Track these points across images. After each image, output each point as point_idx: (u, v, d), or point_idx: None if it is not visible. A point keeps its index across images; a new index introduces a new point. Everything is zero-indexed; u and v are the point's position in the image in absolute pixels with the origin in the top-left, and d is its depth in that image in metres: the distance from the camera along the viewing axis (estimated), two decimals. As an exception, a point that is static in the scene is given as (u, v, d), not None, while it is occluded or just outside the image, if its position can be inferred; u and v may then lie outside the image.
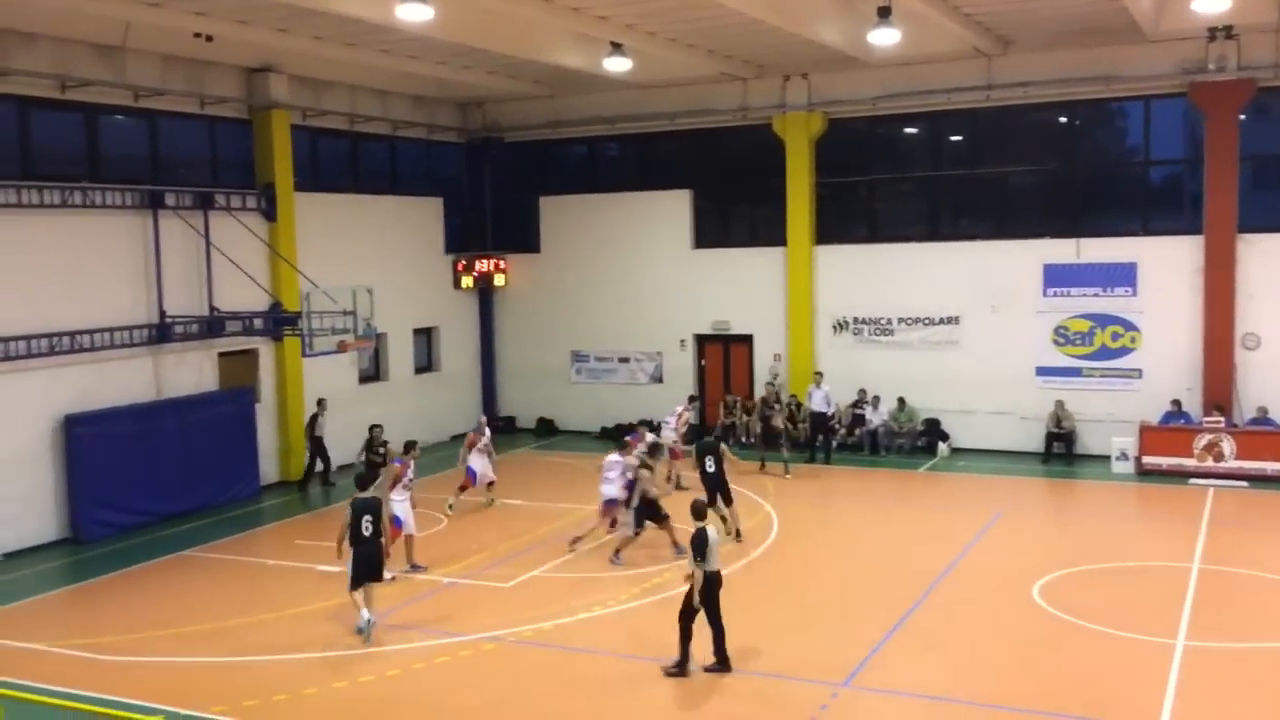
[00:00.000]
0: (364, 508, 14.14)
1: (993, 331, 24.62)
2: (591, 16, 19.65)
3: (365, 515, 14.09)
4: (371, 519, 14.12)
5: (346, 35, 20.90)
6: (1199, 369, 22.98)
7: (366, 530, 14.06)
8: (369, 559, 14.13)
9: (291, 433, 23.60)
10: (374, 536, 14.14)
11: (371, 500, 14.32)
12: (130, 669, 13.44)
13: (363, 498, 14.29)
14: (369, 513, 14.13)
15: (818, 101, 25.75)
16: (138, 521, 20.16)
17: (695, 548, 12.43)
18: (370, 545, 14.11)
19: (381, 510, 14.38)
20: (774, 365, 26.57)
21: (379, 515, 14.25)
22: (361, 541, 14.08)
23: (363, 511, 14.10)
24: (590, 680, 12.83)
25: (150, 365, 21.08)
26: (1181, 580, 15.69)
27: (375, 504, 14.32)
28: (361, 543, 14.08)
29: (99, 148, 20.85)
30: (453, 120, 29.18)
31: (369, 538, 14.09)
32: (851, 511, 20.08)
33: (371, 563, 14.17)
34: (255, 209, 23.10)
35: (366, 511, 14.12)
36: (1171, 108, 23.53)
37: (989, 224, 25.39)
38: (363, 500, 14.24)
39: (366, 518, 14.08)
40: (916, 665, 13.01)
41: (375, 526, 14.15)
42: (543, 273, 29.27)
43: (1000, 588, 15.66)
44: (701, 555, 12.38)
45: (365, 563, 14.12)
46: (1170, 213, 24.37)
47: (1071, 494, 21.95)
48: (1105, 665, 12.82)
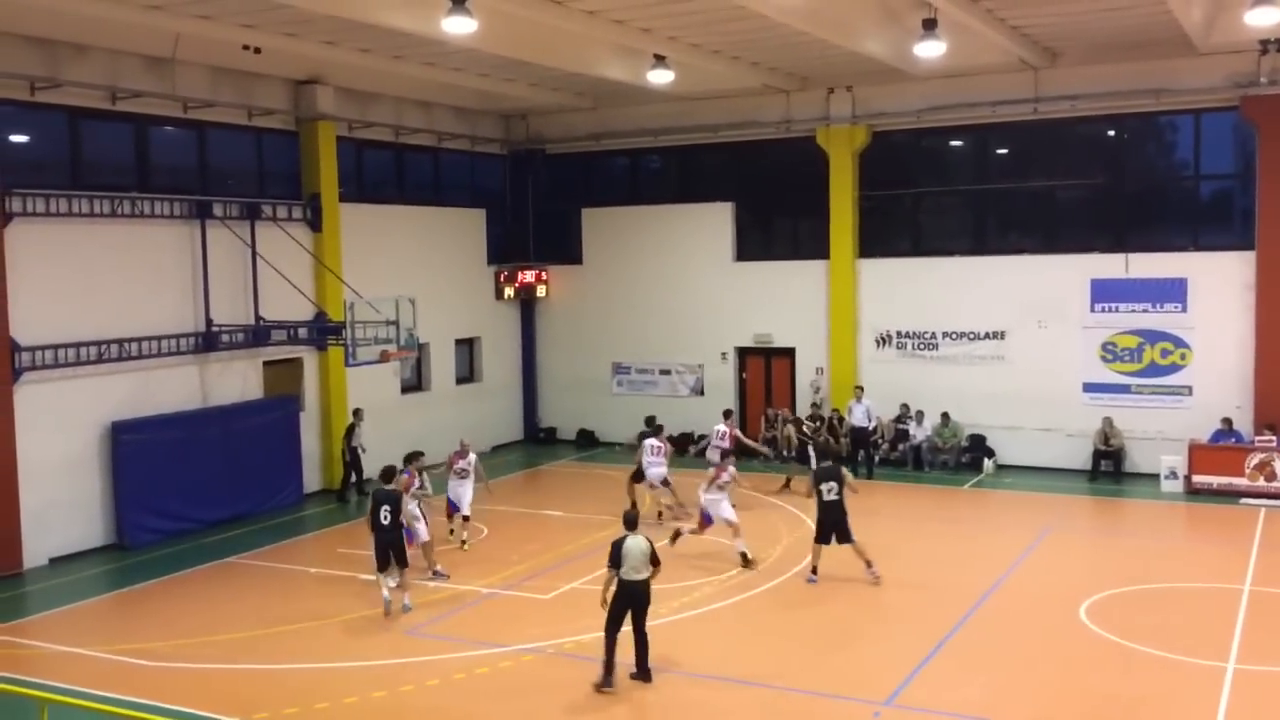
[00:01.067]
0: (384, 498, 15.24)
1: (1039, 347, 24.33)
2: (635, 29, 19.68)
3: (384, 505, 15.15)
4: (390, 509, 15.14)
5: (392, 48, 21.06)
6: (1250, 387, 22.57)
7: (385, 519, 15.10)
8: (389, 545, 15.19)
9: (334, 441, 23.74)
10: (393, 526, 15.16)
11: (391, 492, 15.39)
12: (173, 675, 13.54)
13: (384, 489, 15.42)
14: (388, 503, 15.17)
15: (862, 114, 25.62)
16: (182, 528, 20.35)
17: (610, 555, 12.74)
18: (389, 533, 15.16)
19: (401, 502, 15.36)
20: (815, 379, 26.41)
21: (398, 506, 15.26)
22: (380, 530, 15.16)
23: (382, 501, 15.19)
24: (628, 693, 12.75)
25: (196, 373, 21.30)
26: (1232, 602, 15.39)
27: (395, 495, 15.34)
28: (381, 530, 15.16)
29: (148, 158, 21.14)
30: (496, 132, 29.33)
31: (388, 526, 15.12)
32: (895, 528, 19.87)
33: (394, 549, 15.21)
34: (301, 219, 23.31)
35: (385, 502, 15.18)
36: (1222, 121, 23.18)
37: (1035, 238, 25.13)
38: (384, 491, 15.37)
39: (385, 507, 15.13)
40: (960, 685, 12.83)
41: (394, 516, 15.17)
42: (584, 284, 29.30)
43: (1046, 608, 15.42)
44: (614, 563, 12.69)
45: (385, 549, 15.19)
46: (1221, 228, 24.01)
47: (1119, 513, 21.62)
48: (1154, 688, 12.59)
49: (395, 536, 15.26)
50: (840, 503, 16.43)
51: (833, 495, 16.43)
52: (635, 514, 13.55)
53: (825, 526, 16.44)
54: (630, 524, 13.12)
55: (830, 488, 16.44)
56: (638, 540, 12.88)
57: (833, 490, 16.44)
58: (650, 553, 12.87)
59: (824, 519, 16.46)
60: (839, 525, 16.41)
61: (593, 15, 18.55)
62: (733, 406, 27.40)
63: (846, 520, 16.43)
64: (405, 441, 22.67)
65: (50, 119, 19.36)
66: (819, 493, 16.52)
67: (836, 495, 16.44)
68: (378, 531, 15.22)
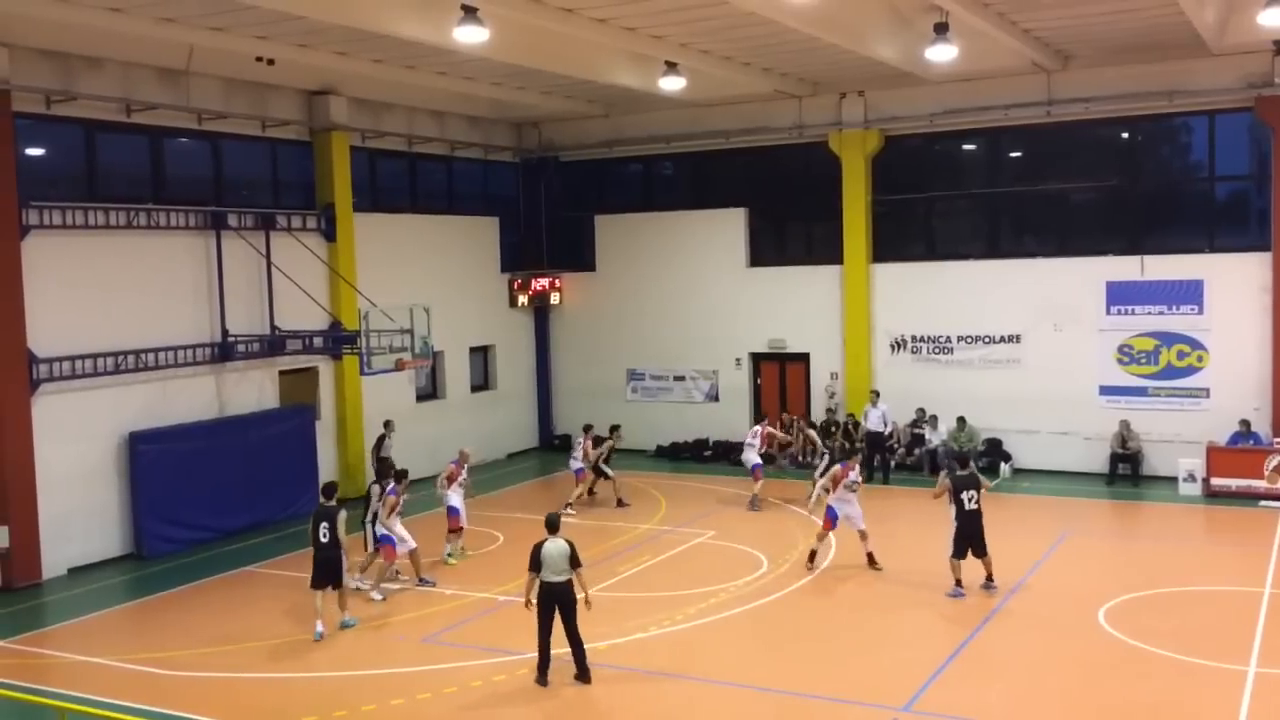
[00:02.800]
0: (323, 515, 15.02)
1: (1055, 350, 24.25)
2: (646, 36, 19.71)
3: (323, 522, 14.93)
4: (328, 526, 14.88)
5: (405, 58, 21.14)
6: (1268, 388, 22.43)
7: (324, 536, 14.85)
8: (324, 563, 14.93)
9: (350, 450, 23.80)
10: (331, 544, 14.88)
11: (331, 509, 15.08)
12: (192, 684, 13.58)
13: (324, 506, 15.21)
14: (326, 520, 14.93)
15: (874, 119, 25.60)
16: (200, 537, 20.43)
17: (531, 559, 13.04)
18: (326, 550, 14.90)
19: (338, 519, 14.96)
20: (830, 384, 26.36)
21: (335, 523, 14.91)
22: (319, 546, 14.92)
23: (321, 518, 14.98)
24: (644, 701, 12.75)
25: (213, 383, 21.39)
26: (1253, 605, 15.28)
27: (333, 512, 15.01)
28: (319, 547, 14.92)
29: (163, 170, 21.24)
30: (508, 140, 29.40)
31: (326, 544, 14.87)
32: (912, 532, 19.81)
33: (328, 567, 14.95)
34: (315, 229, 23.40)
35: (324, 519, 14.95)
36: (1237, 122, 23.06)
37: (1050, 241, 25.05)
38: (323, 508, 15.15)
39: (324, 524, 14.91)
40: (979, 690, 12.77)
41: (332, 534, 14.87)
42: (598, 291, 29.33)
43: (1065, 611, 15.34)
44: (534, 567, 12.99)
45: (322, 566, 14.94)
46: (1237, 229, 23.88)
47: (1138, 516, 21.51)
48: (1174, 692, 12.51)
49: (333, 555, 14.95)
50: (980, 513, 15.82)
51: (974, 504, 15.79)
52: (556, 516, 13.68)
53: (964, 539, 15.82)
54: (551, 526, 13.32)
55: (971, 496, 15.81)
56: (557, 543, 13.06)
57: (974, 499, 15.81)
58: (570, 555, 13.02)
59: (964, 529, 15.80)
60: (977, 537, 15.81)
61: (604, 23, 18.59)
62: (747, 412, 27.48)
63: (983, 532, 15.87)
64: (421, 449, 22.85)
65: (66, 132, 19.48)
66: (959, 502, 15.81)
67: (977, 504, 15.82)
68: (316, 548, 14.96)
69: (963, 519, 15.87)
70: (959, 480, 16.05)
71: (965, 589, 15.97)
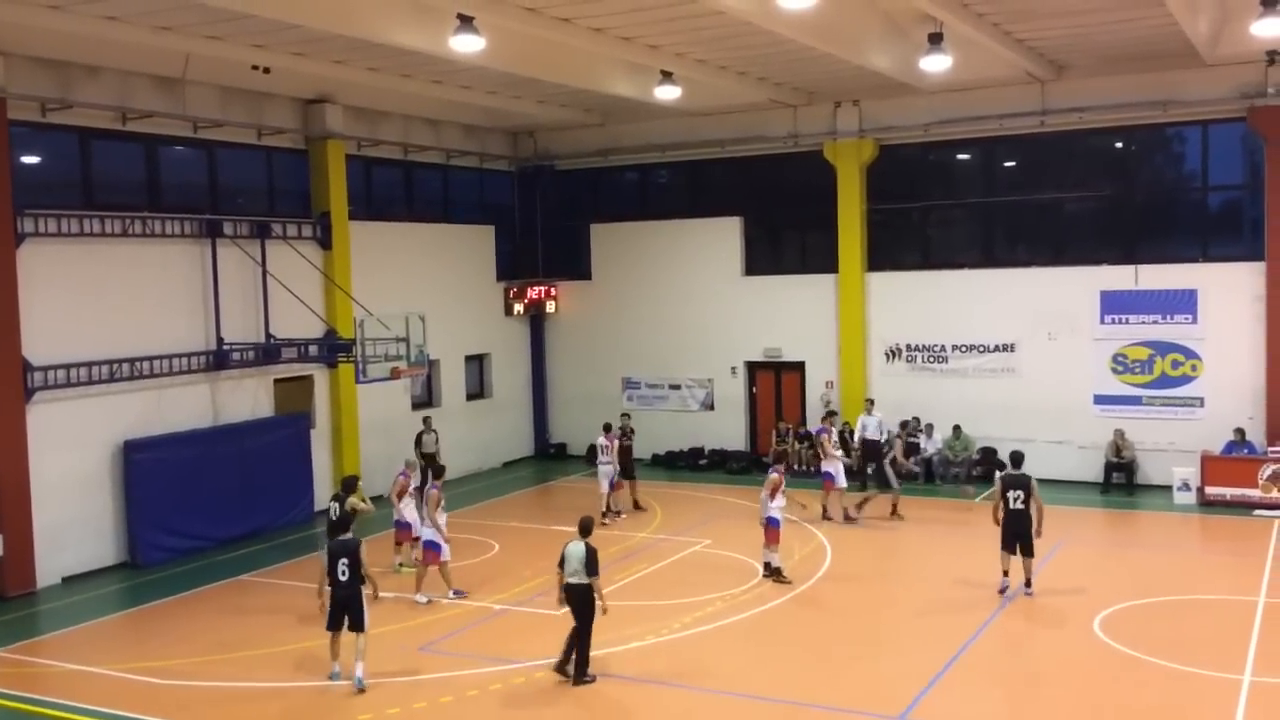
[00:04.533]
0: (339, 550, 13.41)
1: (1049, 359, 24.31)
2: (642, 45, 19.75)
3: (340, 558, 13.29)
4: (348, 563, 13.23)
5: (401, 66, 21.16)
6: (1262, 397, 22.50)
7: (342, 575, 13.26)
8: (344, 603, 13.32)
9: (345, 458, 23.77)
10: (350, 582, 13.25)
11: (348, 542, 13.46)
12: (187, 693, 13.54)
13: (340, 540, 13.65)
14: (344, 555, 13.29)
15: (869, 128, 25.67)
16: (195, 546, 20.38)
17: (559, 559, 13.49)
18: (345, 589, 13.28)
19: (360, 553, 13.28)
20: (825, 393, 26.39)
21: (356, 558, 13.25)
22: (336, 585, 13.35)
23: (337, 554, 13.36)
24: (640, 709, 12.74)
25: (208, 391, 21.37)
26: (1247, 614, 15.31)
27: (352, 546, 13.35)
28: (336, 586, 13.35)
29: (159, 178, 21.25)
30: (504, 149, 29.44)
31: (344, 582, 13.27)
32: (907, 541, 19.83)
33: (347, 606, 13.31)
34: (311, 237, 23.40)
35: (342, 554, 13.32)
36: (1230, 133, 23.19)
37: (1044, 250, 25.12)
38: (339, 543, 13.58)
39: (342, 561, 13.27)
40: (974, 698, 12.79)
41: (352, 571, 13.22)
42: (594, 299, 29.35)
43: (1060, 620, 15.37)
44: (560, 563, 13.45)
45: (340, 606, 13.34)
46: (1230, 239, 23.95)
47: (1132, 525, 21.54)
48: (1169, 701, 12.53)
49: (353, 593, 13.23)
50: (1026, 513, 16.07)
51: (1019, 504, 16.09)
52: (590, 520, 13.91)
53: (1009, 535, 16.21)
54: (582, 530, 13.61)
55: (1017, 496, 16.10)
56: (579, 546, 13.37)
57: (1019, 499, 16.09)
58: (587, 560, 13.24)
59: (1009, 527, 16.19)
60: (1023, 535, 16.14)
61: (600, 32, 18.63)
62: (743, 421, 27.50)
63: (1030, 531, 16.13)
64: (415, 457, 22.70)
65: (62, 140, 19.49)
66: (1005, 500, 16.16)
67: (1023, 504, 16.08)
68: (334, 587, 13.29)
69: (1007, 517, 16.21)
70: (1006, 479, 16.40)
71: (1008, 580, 16.44)
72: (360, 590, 13.37)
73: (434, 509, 16.77)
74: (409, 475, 18.28)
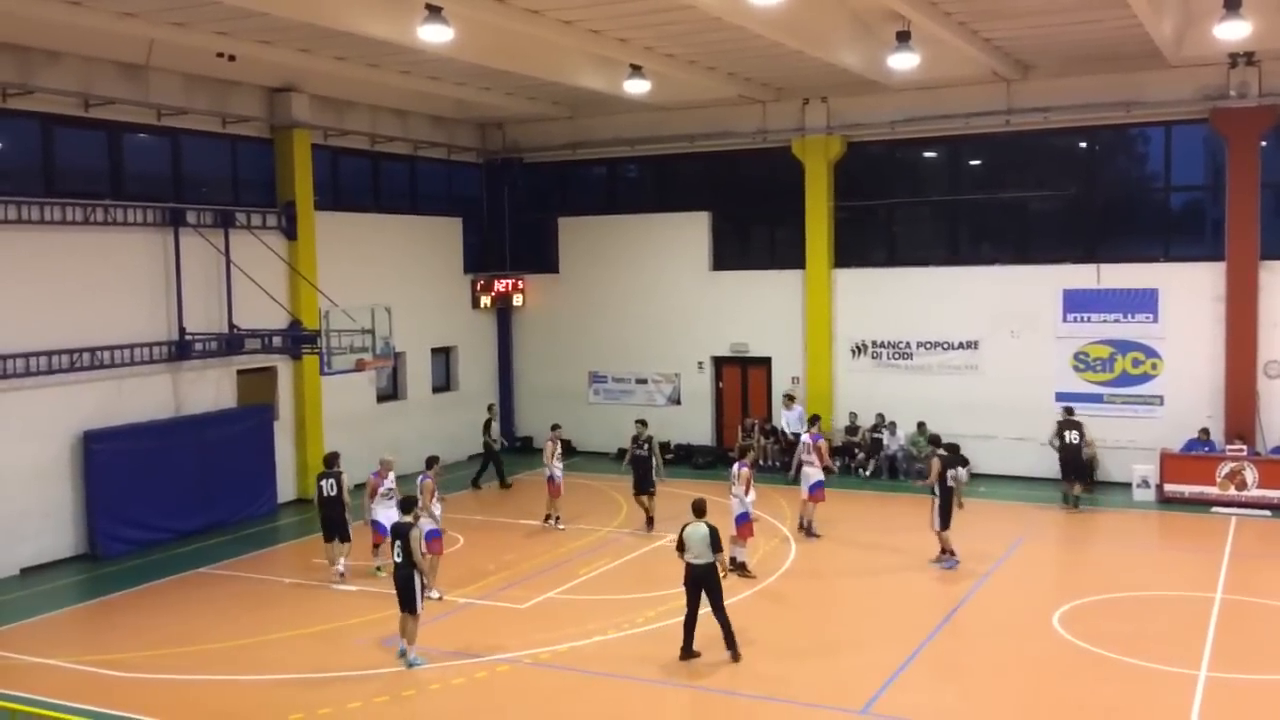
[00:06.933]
0: (398, 532, 14.00)
1: (1012, 357, 24.51)
2: (611, 39, 19.73)
3: (398, 540, 13.90)
4: (401, 544, 13.80)
5: (368, 56, 21.02)
6: (1221, 396, 22.80)
7: (397, 556, 13.87)
8: (399, 583, 13.87)
9: (309, 450, 23.60)
10: (405, 564, 13.75)
11: (404, 525, 13.99)
12: (146, 686, 13.43)
13: (400, 522, 14.15)
14: (399, 538, 13.89)
15: (837, 125, 25.77)
16: (155, 538, 20.19)
17: (678, 541, 13.86)
18: (400, 569, 13.84)
19: (411, 537, 13.78)
20: (791, 388, 26.49)
21: (408, 541, 13.74)
22: (395, 565, 13.99)
23: (396, 535, 13.99)
24: (605, 704, 12.76)
25: (169, 382, 21.16)
26: (1204, 610, 15.51)
27: (406, 529, 13.87)
28: (395, 566, 13.99)
29: (122, 165, 21.01)
30: (472, 141, 29.32)
31: (400, 564, 13.83)
32: (870, 537, 19.93)
33: (401, 586, 13.83)
34: (276, 227, 23.22)
35: (398, 536, 13.94)
36: (1192, 134, 23.46)
37: (1008, 249, 25.32)
38: (399, 524, 14.13)
39: (398, 543, 13.89)
40: (934, 693, 12.89)
41: (406, 553, 13.73)
42: (561, 293, 29.31)
43: (1020, 616, 15.51)
44: (679, 548, 13.79)
45: (398, 585, 13.89)
46: (1191, 239, 24.25)
47: (1092, 521, 21.75)
48: (1126, 696, 12.68)
49: (407, 574, 13.80)
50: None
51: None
52: (702, 501, 14.18)
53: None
54: (697, 511, 13.94)
55: (954, 474, 17.93)
56: (699, 527, 13.69)
57: (954, 477, 17.92)
58: (710, 539, 13.61)
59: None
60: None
61: (569, 25, 18.59)
62: (709, 415, 27.60)
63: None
64: (381, 451, 22.57)
65: (22, 126, 19.22)
66: (944, 478, 17.72)
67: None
68: (395, 567, 14.01)
69: (944, 494, 17.64)
70: (946, 460, 17.88)
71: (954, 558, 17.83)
72: (413, 573, 13.81)
73: (429, 499, 16.78)
74: (381, 475, 17.79)
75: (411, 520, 14.14)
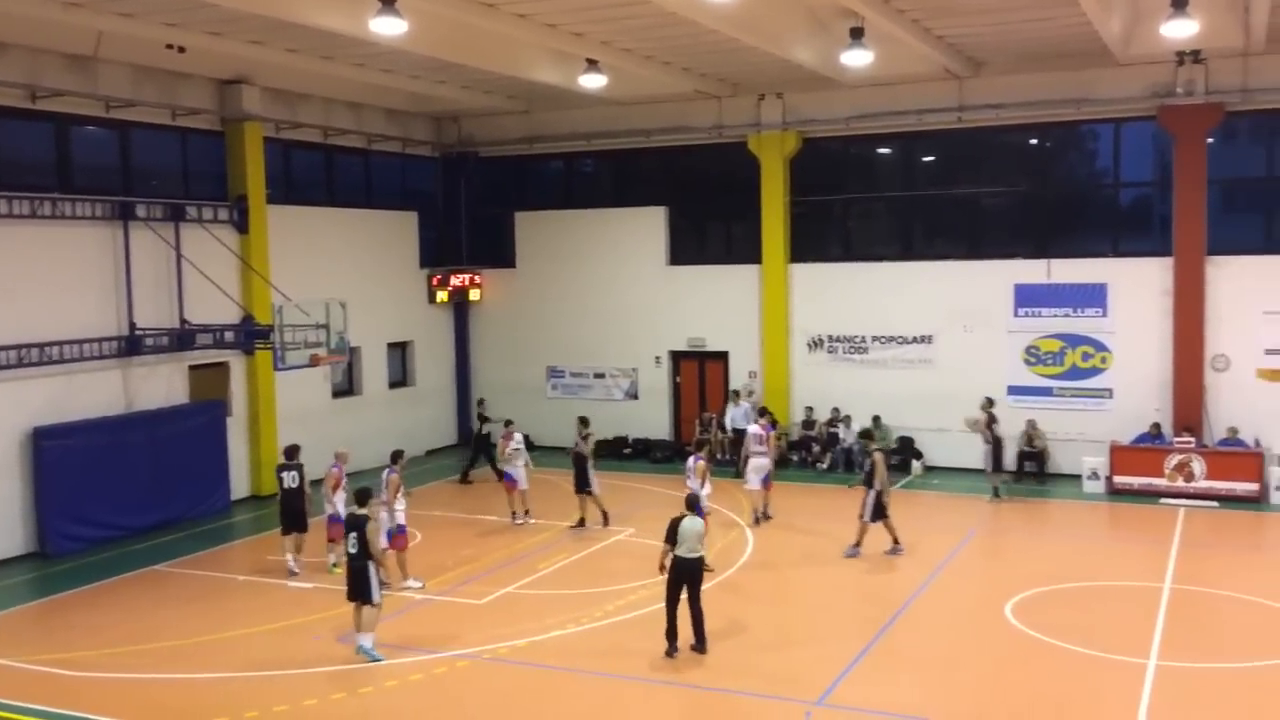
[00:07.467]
0: (351, 524, 14.16)
1: (965, 351, 24.77)
2: (567, 33, 19.69)
3: (351, 532, 14.02)
4: (357, 536, 13.89)
5: (321, 48, 20.82)
6: (1169, 390, 23.18)
7: (352, 547, 13.95)
8: (354, 575, 13.95)
9: (263, 446, 23.38)
10: (359, 555, 13.86)
11: (359, 517, 14.10)
12: (99, 685, 13.26)
13: (353, 514, 14.31)
14: (354, 529, 13.99)
15: (792, 120, 25.89)
16: (107, 535, 19.93)
17: (667, 532, 13.74)
18: (355, 562, 13.92)
19: (367, 529, 13.94)
20: (748, 383, 26.60)
21: (364, 533, 13.87)
22: (349, 557, 14.07)
23: (349, 527, 14.15)
24: (565, 698, 12.77)
25: (120, 378, 20.87)
26: (1153, 600, 15.79)
27: (362, 521, 14.01)
28: (349, 559, 14.08)
29: (70, 158, 20.70)
30: (428, 134, 29.14)
31: (354, 555, 13.93)
32: (826, 530, 20.08)
33: (356, 579, 13.92)
34: (227, 221, 22.95)
35: (353, 528, 14.04)
36: (1141, 131, 23.80)
37: (961, 244, 25.56)
38: (352, 516, 14.29)
39: (352, 535, 13.98)
40: (889, 684, 13.01)
41: (361, 545, 13.85)
42: (518, 288, 29.23)
43: (973, 606, 15.72)
44: (670, 540, 13.67)
45: (352, 578, 13.97)
46: (1140, 235, 24.62)
47: (1043, 513, 22.06)
48: (1078, 684, 12.87)
49: (362, 566, 13.87)
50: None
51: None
52: (695, 496, 14.53)
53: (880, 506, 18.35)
54: (691, 505, 14.07)
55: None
56: (695, 521, 13.81)
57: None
58: (704, 534, 13.85)
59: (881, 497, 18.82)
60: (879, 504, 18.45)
61: (524, 19, 18.52)
62: (667, 410, 27.65)
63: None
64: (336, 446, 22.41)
65: (-33, 118, 18.91)
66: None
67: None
68: (348, 559, 14.13)
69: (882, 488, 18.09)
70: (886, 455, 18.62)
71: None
72: (368, 564, 13.89)
73: (394, 494, 16.75)
74: (340, 467, 17.81)
75: (367, 513, 14.25)
